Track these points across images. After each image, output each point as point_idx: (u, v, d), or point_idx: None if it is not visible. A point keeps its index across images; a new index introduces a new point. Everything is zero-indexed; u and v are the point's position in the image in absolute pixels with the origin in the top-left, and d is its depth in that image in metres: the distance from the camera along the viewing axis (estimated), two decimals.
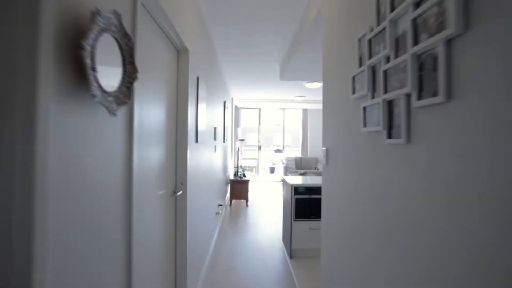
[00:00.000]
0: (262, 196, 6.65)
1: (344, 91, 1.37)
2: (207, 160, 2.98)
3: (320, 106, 8.33)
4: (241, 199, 5.61)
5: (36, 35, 0.54)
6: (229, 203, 5.72)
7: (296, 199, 3.12)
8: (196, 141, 2.23)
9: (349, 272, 1.28)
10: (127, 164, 0.95)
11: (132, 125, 0.97)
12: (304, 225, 3.08)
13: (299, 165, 8.60)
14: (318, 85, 5.65)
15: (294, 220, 3.08)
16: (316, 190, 3.20)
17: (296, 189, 3.15)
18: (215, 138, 3.57)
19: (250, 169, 9.68)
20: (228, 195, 6.07)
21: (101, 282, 0.79)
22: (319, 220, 3.10)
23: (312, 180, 3.39)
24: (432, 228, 0.72)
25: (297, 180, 3.39)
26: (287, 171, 8.13)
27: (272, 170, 10.56)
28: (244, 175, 5.78)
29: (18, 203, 0.52)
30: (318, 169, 8.36)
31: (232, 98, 7.14)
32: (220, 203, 4.26)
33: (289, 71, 3.88)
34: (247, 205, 5.64)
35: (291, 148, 19.33)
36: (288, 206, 3.24)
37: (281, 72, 4.16)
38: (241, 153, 7.64)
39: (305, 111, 9.04)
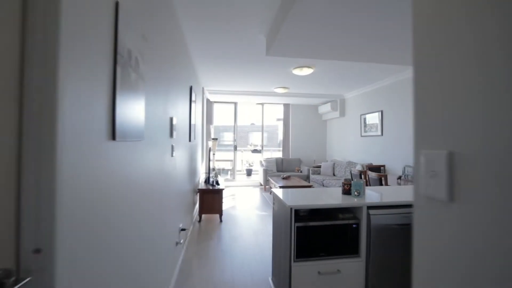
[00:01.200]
0: (239, 206, 5.52)
1: None
2: (155, 168, 1.81)
3: (305, 100, 7.35)
4: (213, 213, 4.44)
5: None
6: (197, 219, 4.52)
7: (298, 228, 2.04)
8: (113, 137, 1.06)
9: None
10: None
11: None
12: (310, 268, 2.00)
13: (280, 167, 7.58)
14: (308, 71, 4.64)
15: (294, 261, 1.99)
16: (327, 213, 2.15)
17: (297, 213, 2.07)
18: (171, 135, 2.39)
19: (225, 172, 8.51)
20: (197, 207, 4.87)
21: None
22: (333, 259, 2.05)
23: (319, 197, 2.32)
24: None
25: (296, 197, 2.30)
26: (267, 174, 7.07)
27: (249, 173, 9.46)
28: (217, 183, 4.61)
29: None
30: (301, 171, 7.39)
31: (203, 89, 5.94)
32: (184, 227, 3.08)
33: (280, 43, 2.80)
34: (221, 220, 4.48)
35: (267, 148, 18.44)
36: (283, 238, 2.15)
37: (268, 46, 3.07)
38: (213, 154, 6.46)
39: (286, 106, 8.03)
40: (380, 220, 2.14)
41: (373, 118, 5.71)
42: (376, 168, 5.00)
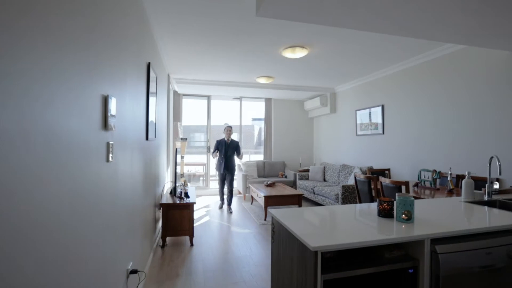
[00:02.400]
0: (215, 222, 4.46)
1: None
2: (52, 187, 0.74)
3: (290, 94, 6.46)
4: (181, 234, 3.35)
5: None
6: (160, 243, 3.41)
7: (326, 283, 1.11)
8: None
9: None
10: None
11: None
12: None
13: (262, 172, 6.62)
14: (301, 53, 3.74)
15: None
16: (365, 251, 1.23)
17: (325, 256, 1.12)
18: (106, 127, 1.32)
19: (197, 178, 7.37)
20: (159, 228, 3.75)
21: None
22: None
23: (346, 224, 1.37)
24: None
25: (312, 227, 1.33)
26: (247, 180, 6.07)
27: None
28: (186, 195, 3.53)
29: None
30: (286, 176, 6.49)
31: (168, 76, 4.82)
32: (134, 269, 1.99)
33: None
34: (191, 244, 3.41)
35: (244, 150, 17.47)
36: None
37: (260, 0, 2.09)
38: (182, 158, 5.36)
39: (268, 101, 7.08)
40: (455, 261, 1.30)
41: (372, 114, 4.94)
42: (380, 173, 4.21)
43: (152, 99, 2.84)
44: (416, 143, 4.05)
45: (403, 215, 1.44)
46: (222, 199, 5.26)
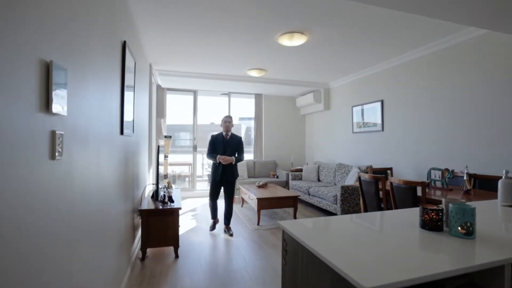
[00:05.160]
0: (202, 228, 4.03)
1: None
2: None
3: (281, 90, 6.11)
4: (164, 245, 2.91)
5: None
6: (140, 256, 2.95)
7: None
8: None
9: None
10: None
11: None
12: None
13: (252, 172, 6.23)
14: (299, 40, 3.40)
15: None
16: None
17: None
18: (49, 108, 0.88)
19: (182, 179, 6.89)
20: (138, 238, 3.28)
21: None
22: None
23: (381, 240, 0.99)
24: None
25: (357, 256, 0.93)
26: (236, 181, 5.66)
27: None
28: (170, 200, 3.08)
29: None
30: (277, 176, 6.13)
31: (150, 66, 4.34)
32: None
33: None
34: (176, 255, 2.97)
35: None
36: None
37: None
38: (166, 157, 4.89)
39: (258, 97, 6.70)
40: None
41: (370, 110, 4.66)
42: (382, 172, 3.92)
43: (129, 84, 2.39)
44: (420, 140, 3.79)
45: (460, 228, 1.09)
46: (214, 216, 3.85)
